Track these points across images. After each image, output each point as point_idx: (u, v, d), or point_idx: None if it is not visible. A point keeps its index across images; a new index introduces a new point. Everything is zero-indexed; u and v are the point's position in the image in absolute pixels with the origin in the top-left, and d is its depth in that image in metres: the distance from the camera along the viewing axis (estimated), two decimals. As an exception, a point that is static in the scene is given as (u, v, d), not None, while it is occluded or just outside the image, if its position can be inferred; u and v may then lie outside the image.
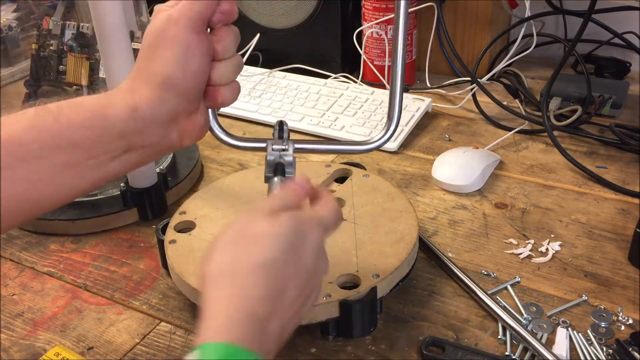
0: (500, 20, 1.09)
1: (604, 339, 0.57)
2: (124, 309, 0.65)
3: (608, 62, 1.05)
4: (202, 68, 0.48)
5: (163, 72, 0.47)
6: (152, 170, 0.76)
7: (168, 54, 0.47)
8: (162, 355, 0.59)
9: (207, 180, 0.85)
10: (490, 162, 0.82)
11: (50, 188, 0.46)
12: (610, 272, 0.65)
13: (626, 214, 0.74)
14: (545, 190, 0.79)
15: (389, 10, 1.02)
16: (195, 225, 0.67)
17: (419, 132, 0.94)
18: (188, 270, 0.61)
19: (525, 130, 0.92)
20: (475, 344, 0.57)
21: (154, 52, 0.47)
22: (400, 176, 0.84)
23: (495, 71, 1.03)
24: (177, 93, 0.48)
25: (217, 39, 0.49)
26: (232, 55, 0.50)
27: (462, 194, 0.79)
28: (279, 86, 1.04)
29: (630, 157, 0.85)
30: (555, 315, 0.60)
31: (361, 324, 0.58)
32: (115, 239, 0.75)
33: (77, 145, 0.45)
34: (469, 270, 0.66)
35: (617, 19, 0.96)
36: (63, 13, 0.79)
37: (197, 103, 0.50)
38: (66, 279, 0.69)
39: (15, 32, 0.81)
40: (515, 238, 0.71)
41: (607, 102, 0.95)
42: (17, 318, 0.64)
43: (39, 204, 0.46)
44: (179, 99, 0.48)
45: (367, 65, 1.07)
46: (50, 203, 0.47)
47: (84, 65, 0.80)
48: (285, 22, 1.10)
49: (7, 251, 0.74)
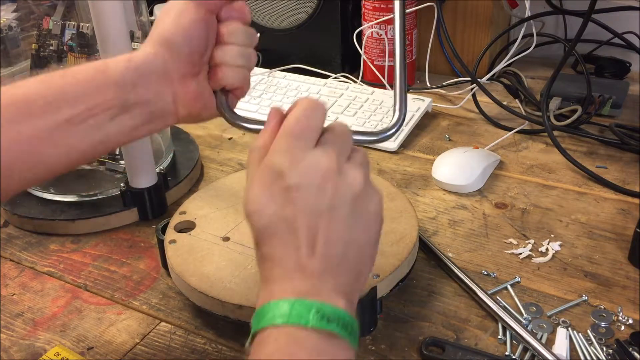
0: (500, 20, 1.09)
1: (604, 339, 0.57)
2: (124, 309, 0.65)
3: (608, 62, 1.05)
4: (196, 30, 0.50)
5: (159, 30, 0.51)
6: (152, 170, 0.76)
7: (166, 17, 0.51)
8: (162, 355, 0.59)
9: (207, 180, 0.85)
10: (490, 162, 0.82)
11: (52, 146, 0.47)
12: (610, 272, 0.65)
13: (626, 214, 0.74)
14: (545, 190, 0.79)
15: (389, 10, 1.02)
16: (195, 225, 0.67)
17: (419, 132, 0.94)
18: (188, 270, 0.61)
19: (525, 130, 0.92)
20: (475, 344, 0.57)
21: (158, 21, 0.52)
22: (400, 176, 0.84)
23: (495, 71, 1.03)
24: (168, 47, 0.50)
25: (224, 24, 0.52)
26: (238, 43, 0.53)
27: (462, 194, 0.79)
28: (279, 86, 1.04)
29: (630, 157, 0.85)
30: (555, 315, 0.60)
31: (361, 324, 0.58)
32: (115, 239, 0.75)
33: (79, 100, 0.47)
34: (469, 270, 0.66)
35: (617, 19, 0.96)
36: (63, 13, 0.79)
37: (192, 68, 0.52)
38: (66, 279, 0.69)
39: (15, 32, 0.81)
40: (515, 238, 0.71)
41: (607, 102, 0.95)
42: (17, 318, 0.64)
43: (41, 164, 0.47)
44: (171, 54, 0.50)
45: (367, 65, 1.07)
46: (51, 165, 0.48)
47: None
48: (285, 22, 1.10)
49: (7, 251, 0.74)
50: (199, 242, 0.65)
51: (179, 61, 0.51)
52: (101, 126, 0.48)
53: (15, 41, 0.81)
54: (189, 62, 0.51)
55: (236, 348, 0.59)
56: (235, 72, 0.53)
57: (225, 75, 0.53)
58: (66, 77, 0.48)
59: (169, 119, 0.53)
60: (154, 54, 0.50)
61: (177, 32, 0.50)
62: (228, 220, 0.68)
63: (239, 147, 0.93)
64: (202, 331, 0.61)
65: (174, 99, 0.52)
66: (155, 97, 0.50)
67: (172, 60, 0.51)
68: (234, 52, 0.52)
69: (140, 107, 0.50)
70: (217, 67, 0.53)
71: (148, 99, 0.50)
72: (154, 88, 0.50)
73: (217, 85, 0.53)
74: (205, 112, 0.54)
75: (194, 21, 0.50)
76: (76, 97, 0.47)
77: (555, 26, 1.14)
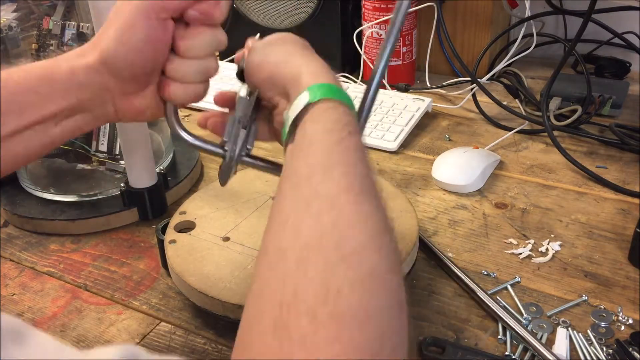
0: (500, 20, 1.10)
1: (604, 339, 0.57)
2: (124, 309, 0.65)
3: (608, 62, 1.05)
4: (140, 53, 0.48)
5: (103, 45, 0.48)
6: (152, 170, 0.76)
7: (112, 28, 0.48)
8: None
9: (207, 180, 0.85)
10: (490, 162, 0.82)
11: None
12: (610, 272, 0.65)
13: (626, 214, 0.74)
14: (545, 190, 0.79)
15: (389, 10, 1.02)
16: (195, 225, 0.67)
17: (419, 132, 0.94)
18: (188, 270, 0.61)
19: (525, 130, 0.92)
20: (475, 344, 0.57)
21: (107, 24, 0.49)
22: (400, 176, 0.84)
23: (495, 71, 1.03)
24: (108, 69, 0.48)
25: (182, 35, 0.48)
26: (198, 57, 0.49)
27: (462, 194, 0.79)
28: (279, 86, 1.04)
29: (630, 157, 0.85)
30: (555, 315, 0.60)
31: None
32: (115, 239, 0.75)
33: (25, 111, 0.47)
34: (469, 270, 0.66)
35: (617, 19, 0.96)
36: (63, 13, 0.79)
37: (136, 86, 0.50)
38: (66, 279, 0.69)
39: (15, 32, 0.81)
40: (515, 238, 0.71)
41: (607, 102, 0.95)
42: (17, 318, 0.64)
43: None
44: (111, 75, 0.49)
45: (367, 65, 1.07)
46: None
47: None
48: (285, 22, 1.10)
49: (7, 251, 0.74)
50: (199, 242, 0.65)
51: (120, 81, 0.49)
52: (46, 132, 0.49)
53: (15, 41, 0.81)
54: (130, 81, 0.50)
55: (236, 348, 0.59)
56: (186, 91, 0.50)
57: (175, 93, 0.50)
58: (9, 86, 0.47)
59: (111, 120, 0.53)
60: (95, 70, 0.49)
61: (117, 55, 0.48)
62: (228, 220, 0.68)
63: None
64: (202, 331, 0.61)
65: (115, 110, 0.52)
66: (98, 107, 0.51)
67: (113, 80, 0.49)
68: (188, 68, 0.49)
69: (82, 113, 0.50)
70: (167, 83, 0.50)
71: (90, 108, 0.50)
72: (96, 99, 0.50)
73: (164, 98, 0.51)
74: (152, 117, 0.54)
75: (139, 41, 0.47)
76: (22, 108, 0.47)
77: (555, 26, 1.14)
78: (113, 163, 0.80)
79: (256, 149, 0.54)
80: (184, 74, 0.49)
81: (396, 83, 1.04)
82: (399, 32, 0.52)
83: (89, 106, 0.50)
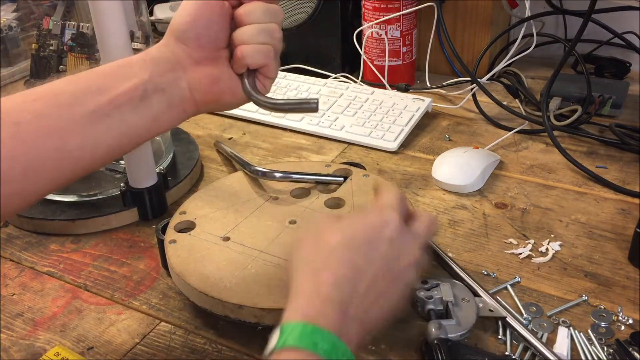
0: (500, 20, 1.10)
1: (604, 339, 0.57)
2: (124, 309, 0.65)
3: (608, 62, 1.05)
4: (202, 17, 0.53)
5: (172, 22, 0.55)
6: (152, 170, 0.76)
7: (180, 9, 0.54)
8: (162, 355, 0.59)
9: (207, 180, 0.85)
10: (490, 162, 0.82)
11: (79, 138, 0.49)
12: (610, 272, 0.65)
13: (626, 214, 0.74)
14: (545, 190, 0.79)
15: (389, 10, 1.02)
16: (195, 225, 0.67)
17: (419, 132, 0.94)
18: (188, 270, 0.61)
19: (525, 130, 0.92)
20: (475, 344, 0.57)
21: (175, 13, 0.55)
22: (400, 176, 0.84)
23: (495, 71, 1.03)
24: (176, 37, 0.54)
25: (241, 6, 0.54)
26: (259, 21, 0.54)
27: (462, 194, 0.79)
28: (279, 86, 1.04)
29: (630, 157, 0.85)
30: (555, 315, 0.60)
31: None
32: (115, 239, 0.75)
33: (102, 92, 0.50)
34: (469, 270, 0.66)
35: (617, 19, 0.96)
36: (63, 13, 0.79)
37: (204, 53, 0.54)
38: (66, 279, 0.69)
39: (15, 32, 0.81)
40: (515, 238, 0.71)
41: (607, 102, 0.95)
42: (17, 318, 0.64)
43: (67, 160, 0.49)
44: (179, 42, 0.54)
45: (367, 65, 1.07)
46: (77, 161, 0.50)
47: (84, 65, 0.80)
48: (285, 22, 1.10)
49: (7, 251, 0.74)
50: (199, 242, 0.65)
51: (188, 48, 0.54)
52: (124, 117, 0.51)
53: (15, 41, 0.81)
54: (198, 47, 0.54)
55: (236, 348, 0.59)
56: (256, 50, 0.54)
57: (244, 54, 0.53)
58: (91, 74, 0.52)
59: (187, 106, 0.55)
60: (165, 44, 0.54)
61: (182, 20, 0.53)
62: (228, 220, 0.68)
63: (239, 147, 0.93)
64: (202, 331, 0.61)
65: (188, 85, 0.54)
66: (170, 84, 0.53)
67: (181, 48, 0.54)
68: (252, 30, 0.53)
69: (157, 95, 0.52)
70: (237, 48, 0.54)
71: (163, 87, 0.53)
72: (168, 75, 0.53)
73: (239, 66, 0.55)
74: (228, 97, 0.56)
75: (200, 6, 0.53)
76: (100, 89, 0.50)
77: (555, 26, 1.14)
78: (113, 163, 0.80)
79: (256, 149, 0.54)
80: (250, 36, 0.54)
81: (396, 83, 1.04)
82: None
83: (162, 83, 0.53)
